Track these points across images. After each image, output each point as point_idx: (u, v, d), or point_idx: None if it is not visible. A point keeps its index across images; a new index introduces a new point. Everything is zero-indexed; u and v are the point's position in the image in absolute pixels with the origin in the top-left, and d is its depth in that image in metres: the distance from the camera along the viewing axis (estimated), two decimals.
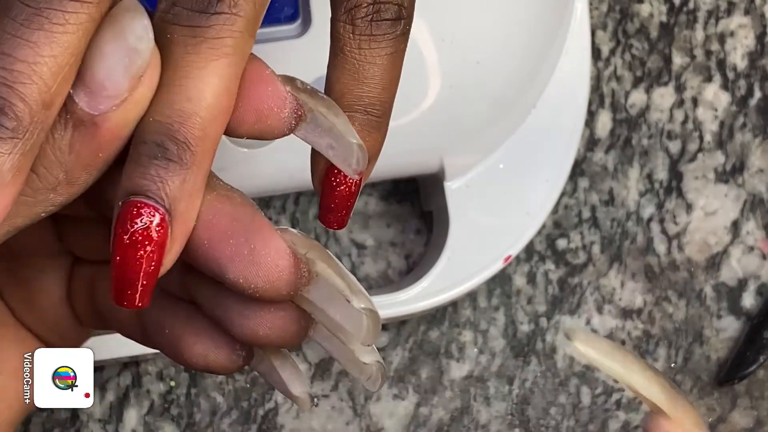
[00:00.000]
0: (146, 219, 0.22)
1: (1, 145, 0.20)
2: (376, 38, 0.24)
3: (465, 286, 0.43)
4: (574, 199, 0.48)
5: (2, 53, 0.20)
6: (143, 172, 0.22)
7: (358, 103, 0.25)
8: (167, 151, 0.22)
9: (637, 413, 0.47)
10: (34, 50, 0.20)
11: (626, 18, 0.49)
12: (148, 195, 0.22)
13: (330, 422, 0.46)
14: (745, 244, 0.49)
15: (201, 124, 0.22)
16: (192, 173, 0.22)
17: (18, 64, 0.20)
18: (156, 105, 0.22)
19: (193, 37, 0.22)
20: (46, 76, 0.20)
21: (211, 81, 0.22)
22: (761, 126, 0.49)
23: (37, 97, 0.20)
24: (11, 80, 0.20)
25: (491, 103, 0.41)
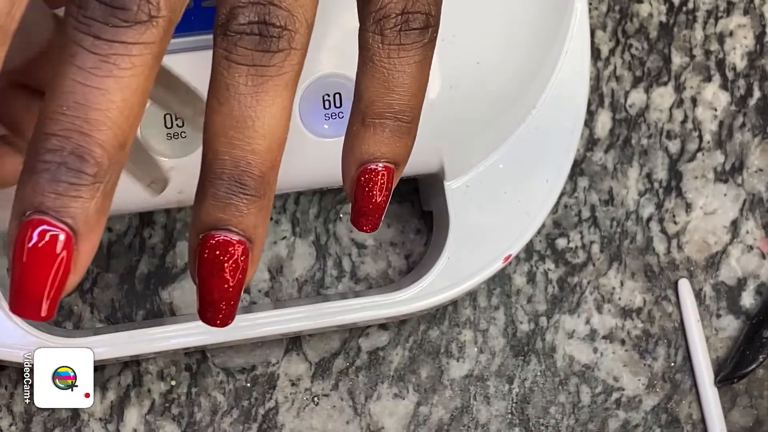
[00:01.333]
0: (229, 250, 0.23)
1: (86, 192, 0.21)
2: (405, 47, 0.25)
3: (465, 286, 0.43)
4: (574, 199, 0.48)
5: (76, 103, 0.21)
6: (223, 207, 0.23)
7: (389, 110, 0.26)
8: (246, 187, 0.23)
9: (637, 412, 0.48)
10: (107, 97, 0.21)
11: (626, 18, 0.49)
12: (229, 229, 0.23)
13: (330, 421, 0.46)
14: (744, 244, 0.49)
15: (273, 157, 0.24)
16: (267, 199, 0.24)
17: (93, 113, 0.21)
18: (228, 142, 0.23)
19: (260, 77, 0.23)
20: (120, 121, 0.21)
21: (280, 116, 0.23)
22: (760, 126, 0.49)
23: (114, 141, 0.21)
24: (87, 129, 0.21)
25: (491, 103, 0.41)
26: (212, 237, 0.23)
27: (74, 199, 0.21)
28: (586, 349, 0.48)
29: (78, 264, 0.22)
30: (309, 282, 0.47)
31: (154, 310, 0.46)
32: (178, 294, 0.46)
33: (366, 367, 0.47)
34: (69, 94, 0.21)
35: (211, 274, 0.24)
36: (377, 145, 0.26)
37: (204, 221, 0.23)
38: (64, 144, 0.21)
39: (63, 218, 0.21)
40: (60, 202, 0.21)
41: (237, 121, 0.23)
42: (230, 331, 0.42)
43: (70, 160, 0.21)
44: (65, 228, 0.21)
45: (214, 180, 0.23)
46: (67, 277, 0.21)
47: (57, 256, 0.21)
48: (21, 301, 0.21)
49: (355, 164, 0.26)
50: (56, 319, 0.46)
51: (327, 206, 0.47)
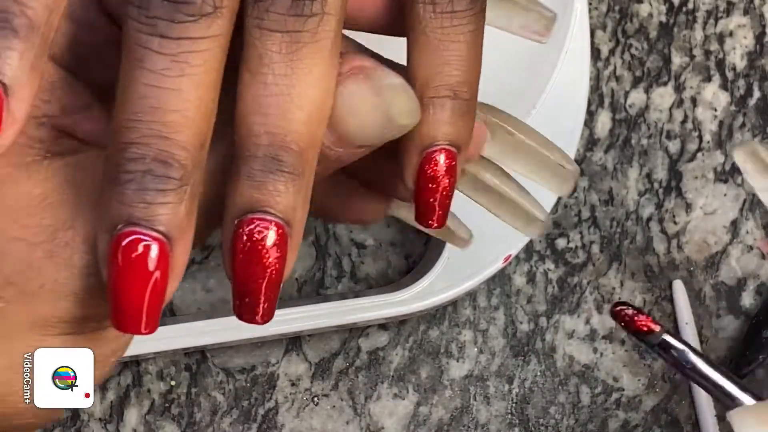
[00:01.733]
0: (268, 235, 0.21)
1: (174, 196, 0.20)
2: (458, 15, 0.24)
3: (465, 286, 0.43)
4: (574, 199, 0.48)
5: (152, 107, 0.20)
6: (259, 187, 0.21)
7: (446, 85, 0.24)
8: (283, 163, 0.21)
9: (636, 413, 0.48)
10: (182, 97, 0.20)
11: (626, 18, 0.49)
12: (267, 210, 0.21)
13: (330, 421, 0.46)
14: (744, 244, 0.49)
15: (312, 131, 0.22)
16: (306, 179, 0.22)
17: (170, 115, 0.20)
18: (264, 115, 0.21)
19: (294, 43, 0.21)
20: (198, 119, 0.20)
21: (318, 85, 0.22)
22: (760, 126, 0.49)
23: (194, 140, 0.20)
24: (167, 132, 0.20)
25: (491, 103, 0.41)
26: (249, 221, 0.21)
27: (163, 205, 0.20)
28: (586, 349, 0.48)
29: (175, 271, 0.21)
30: (309, 282, 0.47)
31: None
32: (178, 294, 0.46)
33: (366, 367, 0.47)
34: (143, 99, 0.20)
35: (249, 264, 0.22)
36: (438, 126, 0.24)
37: (238, 204, 0.21)
38: (146, 151, 0.20)
39: (155, 227, 0.20)
40: (150, 211, 0.20)
41: (271, 92, 0.21)
42: (230, 332, 0.42)
43: (154, 166, 0.20)
44: (158, 236, 0.20)
45: (248, 158, 0.21)
46: (165, 285, 0.21)
47: (152, 267, 0.20)
48: (122, 316, 0.21)
49: (416, 152, 0.24)
50: None
51: None
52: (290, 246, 0.22)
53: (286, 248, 0.22)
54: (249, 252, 0.21)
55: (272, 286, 0.22)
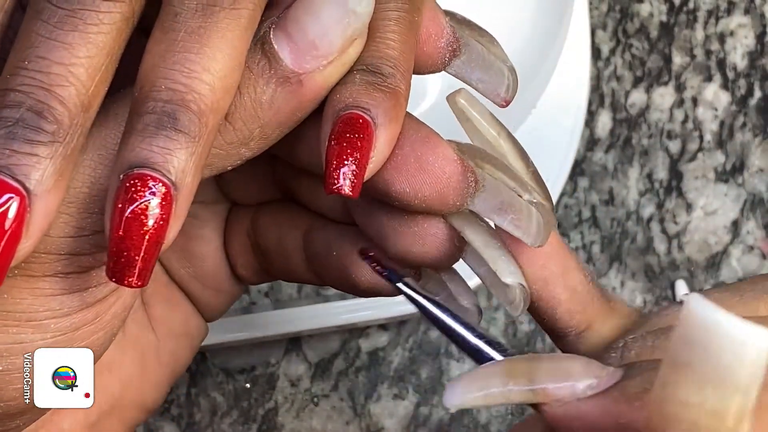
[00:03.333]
0: (152, 193, 0.20)
1: (42, 150, 0.20)
2: None
3: None
4: (574, 199, 0.48)
5: (38, 56, 0.20)
6: (150, 142, 0.20)
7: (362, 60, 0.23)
8: (178, 121, 0.20)
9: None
10: (70, 52, 0.20)
11: (626, 18, 0.49)
12: (154, 168, 0.20)
13: (330, 422, 0.46)
14: (745, 244, 0.49)
15: (215, 97, 0.21)
16: (201, 147, 0.21)
17: (54, 67, 0.20)
18: (168, 70, 0.21)
19: (211, 6, 0.21)
20: (84, 78, 0.20)
21: (228, 53, 0.21)
22: (761, 126, 0.49)
23: (76, 99, 0.20)
24: (48, 83, 0.20)
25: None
26: (135, 176, 0.20)
27: (29, 156, 0.20)
28: None
29: (31, 228, 0.20)
30: None
31: None
32: None
33: (366, 368, 0.47)
34: (32, 49, 0.20)
35: (129, 221, 0.20)
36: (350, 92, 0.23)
37: (126, 158, 0.20)
38: (23, 99, 0.20)
39: (17, 176, 0.19)
40: (14, 159, 0.19)
41: (180, 48, 0.21)
42: (230, 332, 0.42)
43: (28, 116, 0.20)
44: (18, 187, 0.20)
45: (144, 113, 0.20)
46: (17, 241, 0.20)
47: (9, 217, 0.20)
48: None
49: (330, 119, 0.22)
50: None
51: None
52: (174, 211, 0.21)
53: (170, 211, 0.21)
54: (130, 210, 0.20)
55: (151, 248, 0.21)
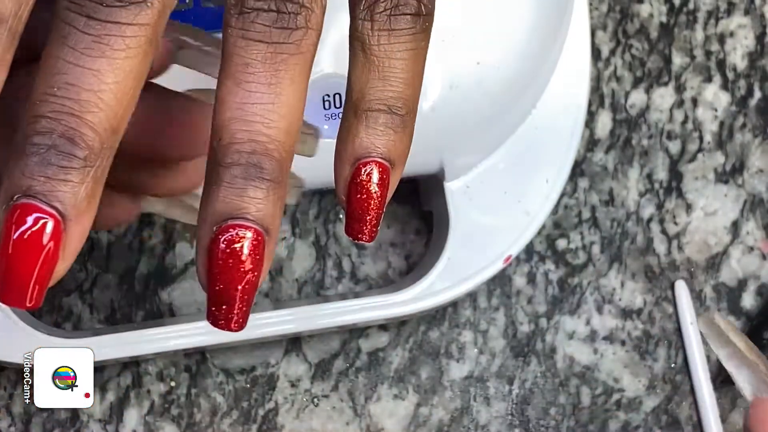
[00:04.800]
0: (247, 242, 0.22)
1: (76, 175, 0.20)
2: (396, 33, 0.24)
3: (465, 286, 0.43)
4: (574, 199, 0.48)
5: (66, 83, 0.20)
6: (240, 194, 0.21)
7: (381, 100, 0.24)
8: (264, 170, 0.22)
9: (637, 413, 0.47)
10: (99, 78, 0.20)
11: (626, 18, 0.49)
12: (246, 217, 0.22)
13: (330, 422, 0.46)
14: (744, 245, 0.49)
15: (291, 141, 0.22)
16: (283, 188, 0.22)
17: (84, 93, 0.20)
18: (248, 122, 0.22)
19: (279, 54, 0.22)
20: (112, 103, 0.20)
21: (299, 96, 0.22)
22: (761, 126, 0.49)
23: (106, 124, 0.20)
24: (78, 110, 0.20)
25: (491, 103, 0.41)
26: (229, 228, 0.22)
27: (64, 182, 0.20)
28: (587, 350, 0.48)
29: (67, 250, 0.21)
30: (309, 283, 0.47)
31: (154, 310, 0.46)
32: (178, 295, 0.46)
33: (366, 368, 0.47)
34: (60, 75, 0.20)
35: (227, 270, 0.22)
36: (371, 138, 0.24)
37: (218, 210, 0.22)
38: (54, 126, 0.20)
39: (52, 202, 0.20)
40: (49, 186, 0.20)
41: (257, 100, 0.22)
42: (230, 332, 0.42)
43: (60, 142, 0.20)
44: (54, 213, 0.20)
45: (230, 165, 0.22)
46: (55, 264, 0.21)
47: (45, 241, 0.20)
48: (7, 288, 0.21)
49: (348, 162, 0.25)
50: (56, 320, 0.45)
51: (327, 207, 0.47)
52: (266, 253, 0.22)
53: (263, 255, 0.22)
54: (227, 258, 0.22)
55: (249, 293, 0.22)
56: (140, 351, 0.42)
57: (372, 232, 0.25)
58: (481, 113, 0.41)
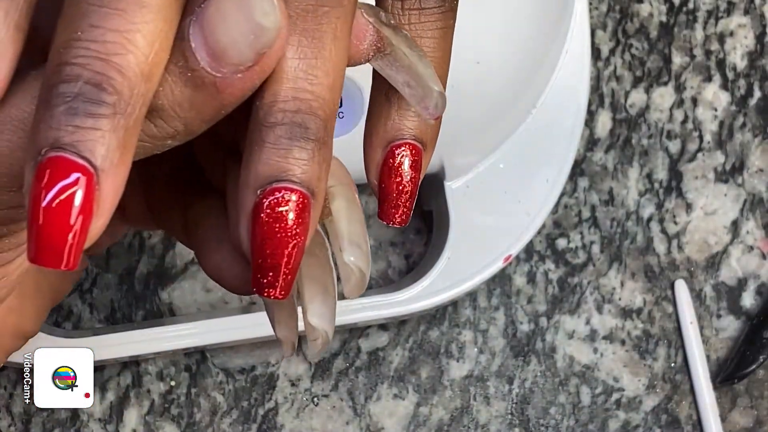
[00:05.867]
0: (293, 205, 0.20)
1: (105, 123, 0.19)
2: (425, 12, 0.23)
3: (465, 286, 0.43)
4: (574, 199, 0.48)
5: (90, 26, 0.19)
6: (285, 155, 0.20)
7: None
8: (309, 130, 0.20)
9: (637, 413, 0.47)
10: (125, 18, 0.19)
11: (626, 18, 0.49)
12: (292, 180, 0.20)
13: (330, 422, 0.46)
14: (744, 244, 0.49)
15: (335, 98, 0.21)
16: (329, 149, 0.21)
17: (110, 35, 0.19)
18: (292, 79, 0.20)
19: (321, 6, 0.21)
20: (141, 45, 0.19)
21: (342, 51, 0.21)
22: (761, 126, 0.49)
23: (135, 68, 0.19)
24: (105, 53, 0.19)
25: (491, 103, 0.41)
26: (274, 190, 0.20)
27: (93, 131, 0.19)
28: (586, 350, 0.48)
29: (101, 206, 0.19)
30: None
31: (154, 310, 0.46)
32: (178, 294, 0.46)
33: (366, 368, 0.47)
34: (84, 19, 0.19)
35: (273, 236, 0.20)
36: (403, 120, 0.24)
37: (261, 173, 0.20)
38: (80, 72, 0.19)
39: (83, 153, 0.19)
40: (78, 136, 0.19)
41: (301, 55, 0.20)
42: (230, 332, 0.42)
43: (86, 89, 0.19)
44: (85, 164, 0.19)
45: (274, 125, 0.20)
46: (89, 220, 0.19)
47: (79, 197, 0.19)
48: (41, 249, 0.19)
49: (380, 145, 0.24)
50: (56, 319, 0.45)
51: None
52: (312, 218, 0.21)
53: (309, 219, 0.21)
54: (274, 223, 0.20)
55: (296, 258, 0.21)
56: (140, 351, 0.42)
57: (406, 215, 0.24)
58: (481, 113, 0.41)
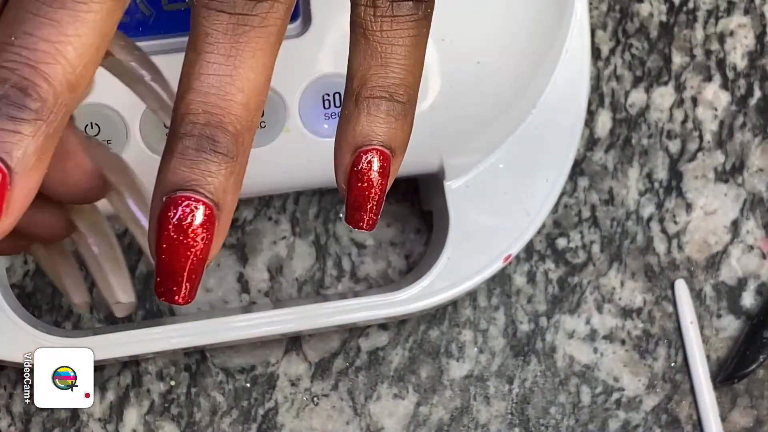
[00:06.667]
0: (196, 215, 0.21)
1: (26, 127, 0.20)
2: (398, 20, 0.24)
3: (465, 286, 0.43)
4: (574, 199, 0.48)
5: (25, 33, 0.19)
6: (191, 165, 0.21)
7: (383, 87, 0.24)
8: (218, 144, 0.21)
9: (637, 412, 0.48)
10: (58, 29, 0.20)
11: (626, 17, 0.49)
12: (197, 190, 0.21)
13: (330, 422, 0.46)
14: (744, 244, 0.49)
15: (250, 116, 0.22)
16: (239, 164, 0.22)
17: (42, 44, 0.19)
18: (204, 94, 0.21)
19: (241, 26, 0.21)
20: (71, 56, 0.20)
21: (260, 71, 0.22)
22: (761, 125, 0.49)
23: (62, 78, 0.20)
24: (34, 60, 0.19)
25: (491, 103, 0.41)
26: (179, 199, 0.21)
27: (12, 133, 0.19)
28: (587, 350, 0.48)
29: (11, 206, 0.20)
30: (309, 282, 0.47)
31: (154, 310, 0.46)
32: None
33: (366, 368, 0.47)
34: (19, 25, 0.20)
35: (175, 243, 0.21)
36: (372, 126, 0.24)
37: (169, 181, 0.21)
38: (8, 76, 0.19)
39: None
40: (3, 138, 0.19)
41: (214, 71, 0.21)
42: (230, 332, 0.42)
43: (12, 92, 0.19)
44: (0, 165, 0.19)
45: (183, 136, 0.21)
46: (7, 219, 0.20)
47: None
48: None
49: (348, 150, 0.24)
50: (56, 319, 0.45)
51: (326, 206, 0.47)
52: (217, 229, 0.22)
53: (213, 230, 0.21)
54: (175, 230, 0.21)
55: (196, 267, 0.22)
56: (140, 350, 0.42)
57: (372, 220, 0.25)
58: (481, 113, 0.41)
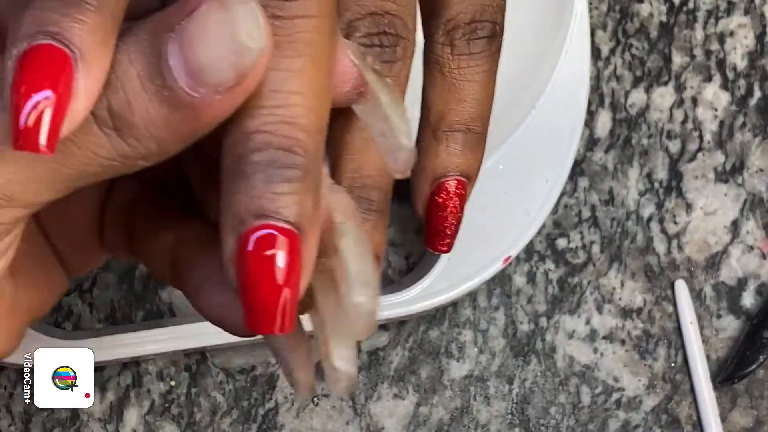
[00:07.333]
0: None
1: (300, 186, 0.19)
2: (474, 57, 0.25)
3: (465, 286, 0.43)
4: (574, 199, 0.48)
5: (273, 91, 0.19)
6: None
7: (460, 121, 0.25)
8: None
9: (637, 412, 0.48)
10: (303, 78, 0.19)
11: (626, 18, 0.49)
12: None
13: (330, 422, 0.46)
14: (744, 244, 0.49)
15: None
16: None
17: (293, 98, 0.19)
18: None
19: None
20: (317, 101, 0.19)
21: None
22: (761, 126, 0.49)
23: (316, 124, 0.19)
24: (290, 117, 0.19)
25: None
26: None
27: (291, 195, 0.19)
28: (587, 350, 0.48)
29: (306, 264, 0.19)
30: None
31: (154, 310, 0.46)
32: (178, 295, 0.46)
33: (366, 368, 0.47)
34: (262, 85, 0.19)
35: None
36: (450, 158, 0.26)
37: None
38: (270, 139, 0.19)
39: (286, 218, 0.19)
40: (280, 202, 0.19)
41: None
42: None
43: (278, 156, 0.19)
44: (290, 228, 0.19)
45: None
46: (298, 280, 0.19)
47: (285, 260, 0.19)
48: (257, 315, 0.19)
49: (428, 181, 0.26)
50: (56, 319, 0.45)
51: None
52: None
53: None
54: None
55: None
56: (140, 352, 0.42)
57: (451, 243, 0.27)
58: None
